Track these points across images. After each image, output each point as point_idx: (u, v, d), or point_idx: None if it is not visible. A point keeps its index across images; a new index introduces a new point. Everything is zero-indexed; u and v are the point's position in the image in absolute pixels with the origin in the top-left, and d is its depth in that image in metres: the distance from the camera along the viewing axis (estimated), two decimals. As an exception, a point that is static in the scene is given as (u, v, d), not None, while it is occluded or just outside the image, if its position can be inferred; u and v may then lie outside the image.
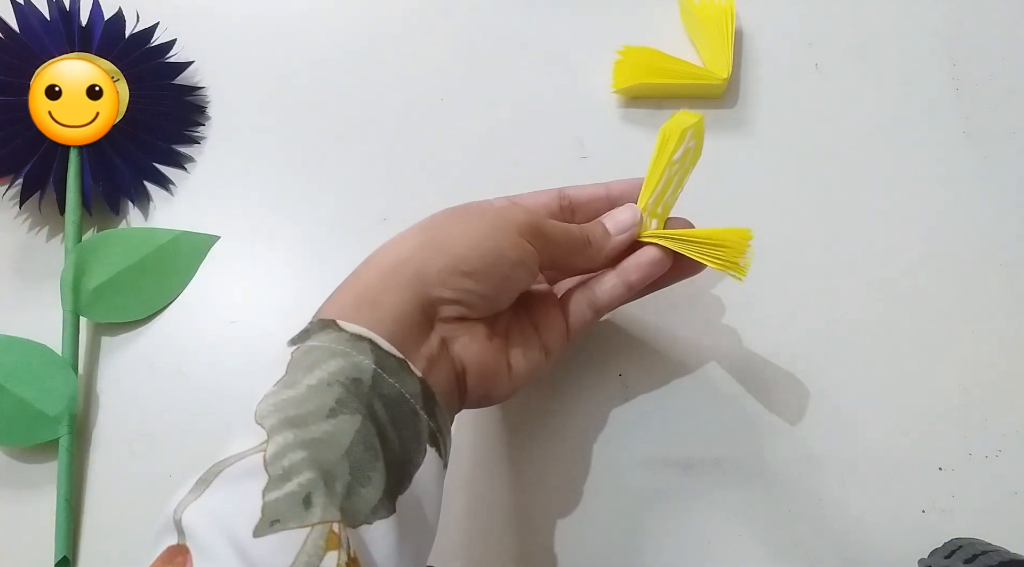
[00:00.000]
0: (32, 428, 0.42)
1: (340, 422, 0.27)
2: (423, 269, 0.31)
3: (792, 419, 0.41)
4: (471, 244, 0.32)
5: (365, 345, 0.29)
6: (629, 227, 0.37)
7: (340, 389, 0.28)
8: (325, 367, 0.28)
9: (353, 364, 0.29)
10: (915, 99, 0.48)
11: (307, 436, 0.27)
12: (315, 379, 0.28)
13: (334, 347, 0.29)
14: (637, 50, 0.47)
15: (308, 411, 0.27)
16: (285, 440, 0.26)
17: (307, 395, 0.28)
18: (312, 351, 0.29)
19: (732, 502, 0.40)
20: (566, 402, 0.42)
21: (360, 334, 0.30)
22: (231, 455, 0.27)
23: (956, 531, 0.38)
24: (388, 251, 0.33)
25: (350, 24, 0.52)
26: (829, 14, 0.50)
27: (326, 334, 0.30)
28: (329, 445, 0.27)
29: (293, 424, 0.27)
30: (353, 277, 0.33)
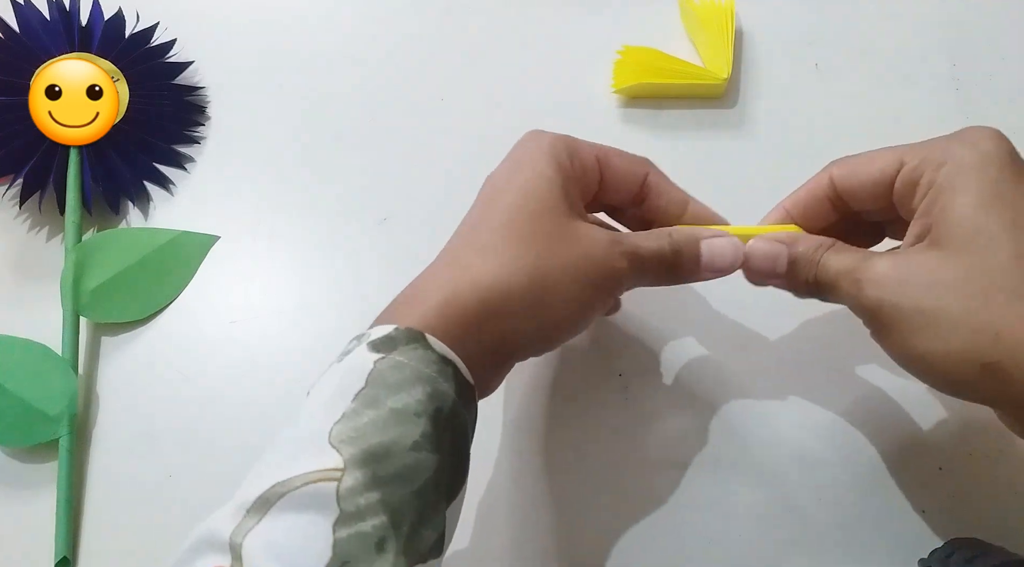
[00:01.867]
0: (32, 428, 0.42)
1: (420, 459, 0.27)
2: (521, 332, 0.31)
3: (792, 419, 0.41)
4: (573, 312, 0.32)
5: (450, 371, 0.29)
6: (722, 270, 0.35)
7: (425, 422, 0.27)
8: (412, 393, 0.27)
9: (439, 392, 0.28)
10: (915, 99, 0.48)
11: (385, 472, 0.26)
12: (400, 404, 0.27)
13: (421, 370, 0.28)
14: (637, 50, 0.48)
15: (391, 440, 0.26)
16: (364, 476, 0.25)
17: (390, 421, 0.27)
18: (399, 368, 0.28)
19: (732, 502, 0.40)
20: (566, 402, 0.42)
21: (447, 357, 0.29)
22: (296, 475, 0.25)
23: (956, 531, 0.38)
24: (490, 270, 0.31)
25: (350, 24, 0.52)
26: (829, 14, 0.50)
27: (414, 350, 0.28)
28: (404, 483, 0.26)
29: (374, 457, 0.26)
30: (445, 284, 0.31)
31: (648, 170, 0.36)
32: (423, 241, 0.46)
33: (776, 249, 0.34)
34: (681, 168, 0.47)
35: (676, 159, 0.47)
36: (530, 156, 0.34)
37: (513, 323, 0.31)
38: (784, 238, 0.34)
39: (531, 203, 0.32)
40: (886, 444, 0.40)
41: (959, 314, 0.28)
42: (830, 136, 0.47)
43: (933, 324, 0.29)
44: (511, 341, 0.31)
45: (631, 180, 0.36)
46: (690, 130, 0.48)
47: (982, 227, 0.29)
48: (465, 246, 0.33)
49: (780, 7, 0.50)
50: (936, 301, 0.29)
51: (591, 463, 0.41)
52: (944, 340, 0.28)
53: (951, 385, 0.30)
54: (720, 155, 0.47)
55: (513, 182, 0.33)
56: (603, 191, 0.36)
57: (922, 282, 0.29)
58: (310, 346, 0.44)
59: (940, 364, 0.29)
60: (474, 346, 0.30)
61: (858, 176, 0.33)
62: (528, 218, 0.32)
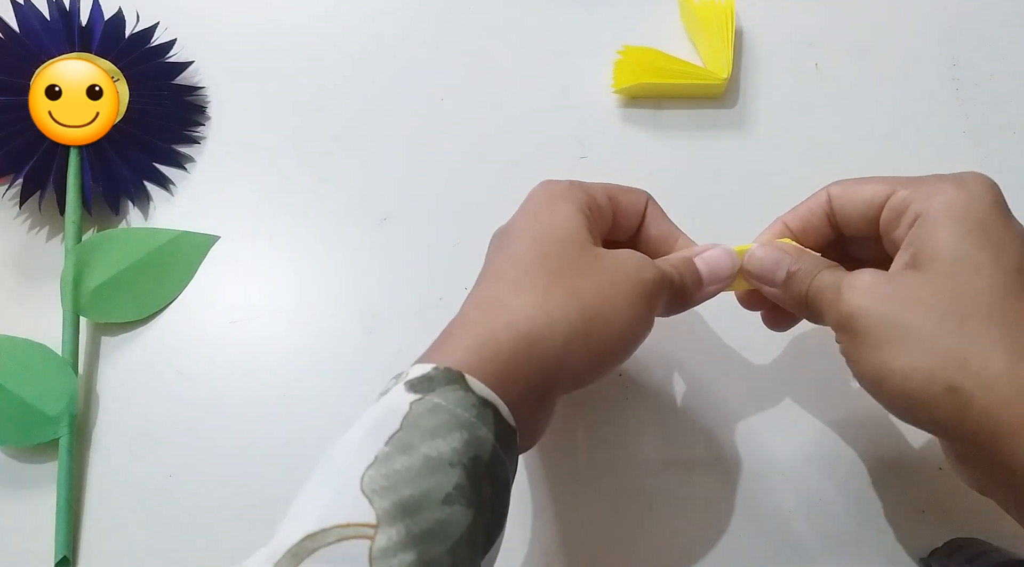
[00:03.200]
0: (32, 428, 0.42)
1: (454, 513, 0.25)
2: (566, 364, 0.30)
3: (792, 419, 0.41)
4: (619, 334, 0.31)
5: (490, 414, 0.28)
6: (724, 278, 0.35)
7: (460, 473, 0.26)
8: (448, 440, 0.26)
9: (477, 439, 0.27)
10: (915, 99, 0.48)
11: (419, 528, 0.25)
12: (435, 451, 0.26)
13: (460, 414, 0.27)
14: (637, 50, 0.48)
15: (423, 492, 0.25)
16: (398, 534, 0.24)
17: (424, 469, 0.26)
18: (436, 412, 0.27)
19: (732, 502, 0.40)
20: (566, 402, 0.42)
21: (488, 399, 0.28)
22: (328, 527, 0.24)
23: (956, 531, 0.38)
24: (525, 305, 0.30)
25: (350, 24, 0.52)
26: (829, 14, 0.50)
27: (452, 391, 0.27)
28: (438, 538, 0.25)
29: (407, 511, 0.25)
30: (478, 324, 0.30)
31: (647, 200, 0.37)
32: (423, 241, 0.46)
33: (779, 256, 0.34)
34: (681, 168, 0.47)
35: (676, 159, 0.47)
36: (548, 200, 0.33)
37: (558, 356, 0.30)
38: (789, 249, 0.34)
39: (559, 236, 0.32)
40: (886, 444, 0.40)
41: (932, 334, 0.28)
42: (830, 136, 0.47)
43: (905, 340, 0.29)
44: (556, 376, 0.30)
45: (634, 214, 0.36)
46: (690, 130, 0.48)
47: (966, 256, 0.29)
48: (493, 286, 0.32)
49: (780, 7, 0.50)
50: (911, 317, 0.29)
51: (591, 463, 0.41)
52: (913, 357, 0.28)
53: (910, 405, 0.29)
54: (720, 155, 0.47)
55: (537, 222, 0.33)
56: (612, 228, 0.36)
57: (901, 297, 0.29)
58: (310, 346, 0.44)
59: (904, 382, 0.29)
60: (518, 385, 0.29)
61: (851, 197, 0.34)
62: (557, 251, 0.32)
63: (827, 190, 0.35)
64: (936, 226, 0.30)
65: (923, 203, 0.31)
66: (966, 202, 0.30)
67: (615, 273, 0.32)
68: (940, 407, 0.28)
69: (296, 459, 0.41)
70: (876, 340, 0.29)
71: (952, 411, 0.28)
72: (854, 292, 0.30)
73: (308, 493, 0.26)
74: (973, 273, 0.29)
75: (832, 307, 0.31)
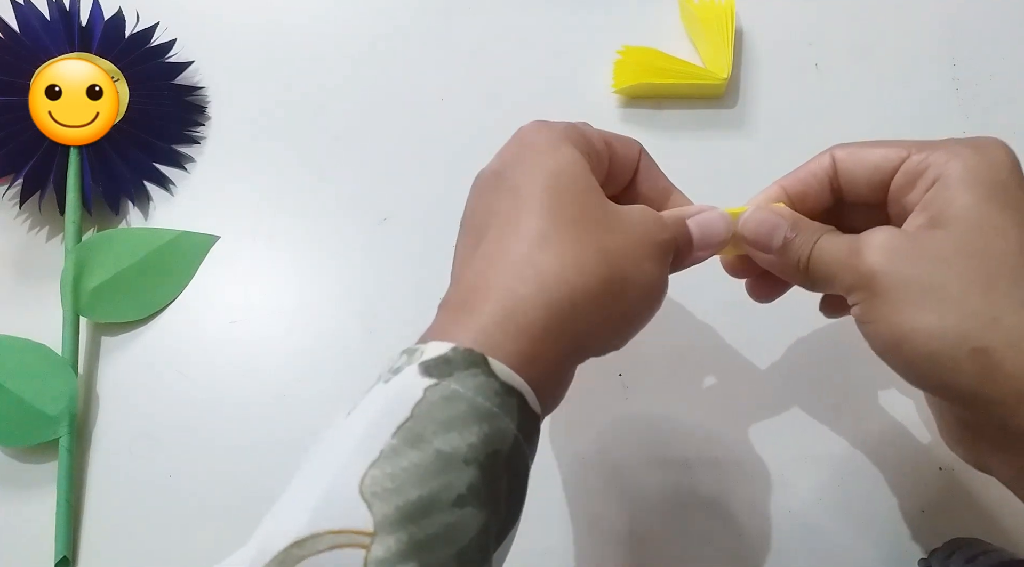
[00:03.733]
0: (32, 428, 0.42)
1: (464, 516, 0.23)
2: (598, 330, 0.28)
3: (792, 419, 0.41)
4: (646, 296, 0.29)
5: (514, 403, 0.25)
6: (716, 244, 0.33)
7: (475, 471, 0.24)
8: (465, 434, 0.24)
9: (498, 431, 0.24)
10: (915, 99, 0.48)
11: (424, 534, 0.22)
12: (449, 446, 0.23)
13: (480, 404, 0.24)
14: (637, 50, 0.48)
15: (432, 493, 0.23)
16: (398, 543, 0.22)
17: (435, 467, 0.23)
18: (453, 401, 0.24)
19: (732, 502, 0.40)
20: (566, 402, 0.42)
21: (513, 386, 0.25)
22: (319, 532, 0.22)
23: (956, 531, 0.38)
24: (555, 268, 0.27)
25: (350, 24, 0.52)
26: (829, 14, 0.50)
27: (473, 377, 0.25)
28: (444, 544, 0.23)
29: (410, 517, 0.22)
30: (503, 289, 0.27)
31: (640, 150, 0.34)
32: (423, 241, 0.46)
33: (776, 220, 0.32)
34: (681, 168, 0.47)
35: (676, 159, 0.47)
36: (543, 141, 0.31)
37: (586, 324, 0.27)
38: (786, 213, 0.32)
39: (569, 184, 0.29)
40: (886, 444, 0.40)
41: (959, 293, 0.27)
42: (830, 136, 0.46)
43: (930, 299, 0.27)
44: (584, 344, 0.28)
45: (628, 164, 0.34)
46: (690, 130, 0.48)
47: (990, 218, 0.28)
48: (509, 240, 0.28)
49: (780, 7, 0.50)
50: (937, 276, 0.27)
51: (591, 463, 0.41)
52: (939, 317, 0.27)
53: (932, 368, 0.28)
54: (720, 155, 0.47)
55: (537, 169, 0.29)
56: (607, 178, 0.34)
57: (925, 255, 0.28)
58: (310, 346, 0.44)
59: (927, 342, 0.27)
60: (547, 364, 0.27)
61: (860, 160, 0.32)
62: (577, 201, 0.28)
63: (831, 153, 0.33)
64: (957, 189, 0.29)
65: (942, 166, 0.29)
66: (987, 166, 0.29)
67: (636, 231, 0.29)
68: (963, 370, 0.27)
69: (296, 459, 0.41)
70: (899, 299, 0.28)
71: (976, 374, 0.27)
72: (873, 251, 0.29)
73: (300, 489, 0.24)
74: (997, 235, 0.28)
75: (848, 268, 0.30)
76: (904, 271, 0.28)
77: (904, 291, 0.28)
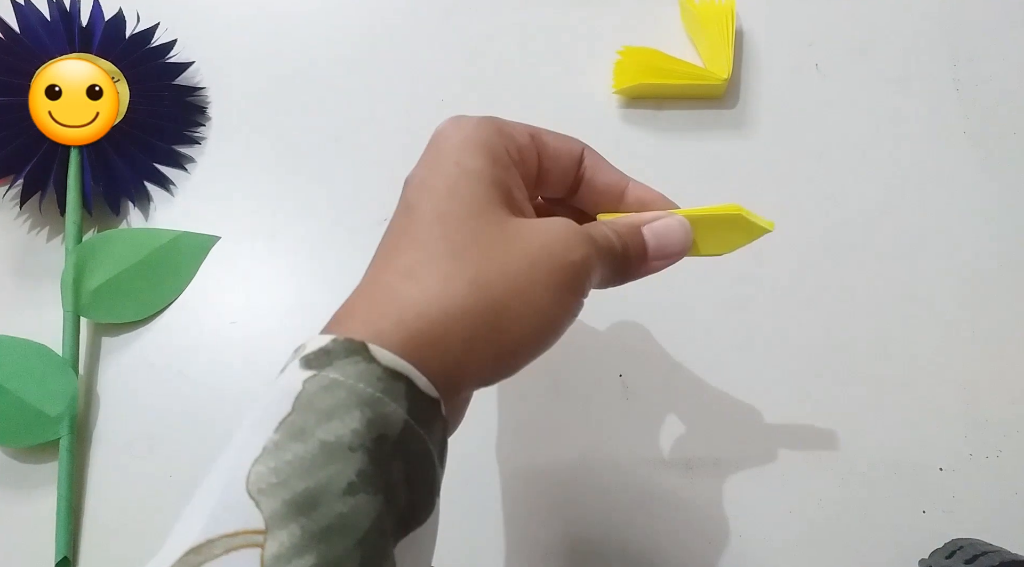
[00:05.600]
0: (32, 428, 0.42)
1: (358, 503, 0.22)
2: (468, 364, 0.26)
3: (792, 419, 0.41)
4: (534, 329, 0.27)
5: (400, 387, 0.24)
6: (673, 254, 0.31)
7: (363, 457, 0.23)
8: (347, 421, 0.23)
9: (382, 417, 0.23)
10: (915, 99, 0.48)
11: (317, 526, 0.21)
12: (332, 435, 0.22)
13: (361, 390, 0.23)
14: (637, 50, 0.48)
15: (320, 485, 0.22)
16: (291, 537, 0.21)
17: (320, 457, 0.22)
18: (332, 389, 0.23)
19: (732, 502, 0.40)
20: (566, 402, 0.42)
21: (397, 370, 0.24)
22: (215, 537, 0.21)
23: (957, 531, 0.38)
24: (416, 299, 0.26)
25: (350, 25, 0.52)
26: (829, 14, 0.50)
27: (353, 364, 0.24)
28: (342, 535, 0.22)
29: (300, 509, 0.21)
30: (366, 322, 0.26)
31: (583, 148, 0.32)
32: (423, 241, 0.46)
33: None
34: (681, 168, 0.47)
35: (676, 159, 0.47)
36: (449, 147, 0.29)
37: (456, 358, 0.25)
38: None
39: (457, 205, 0.27)
40: (886, 444, 0.41)
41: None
42: (830, 136, 0.47)
43: None
44: (457, 374, 0.26)
45: (567, 161, 0.32)
46: (690, 130, 0.48)
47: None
48: (384, 269, 0.27)
49: (780, 7, 0.50)
50: None
51: (591, 463, 0.41)
52: None
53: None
54: (720, 155, 0.47)
55: (436, 183, 0.28)
56: (540, 177, 0.32)
57: None
58: (310, 346, 0.44)
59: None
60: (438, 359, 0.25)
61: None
62: (457, 227, 0.27)
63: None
64: None
65: None
66: None
67: (534, 255, 0.27)
68: None
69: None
70: None
71: None
72: None
73: (197, 499, 0.23)
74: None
75: None
76: None
77: None
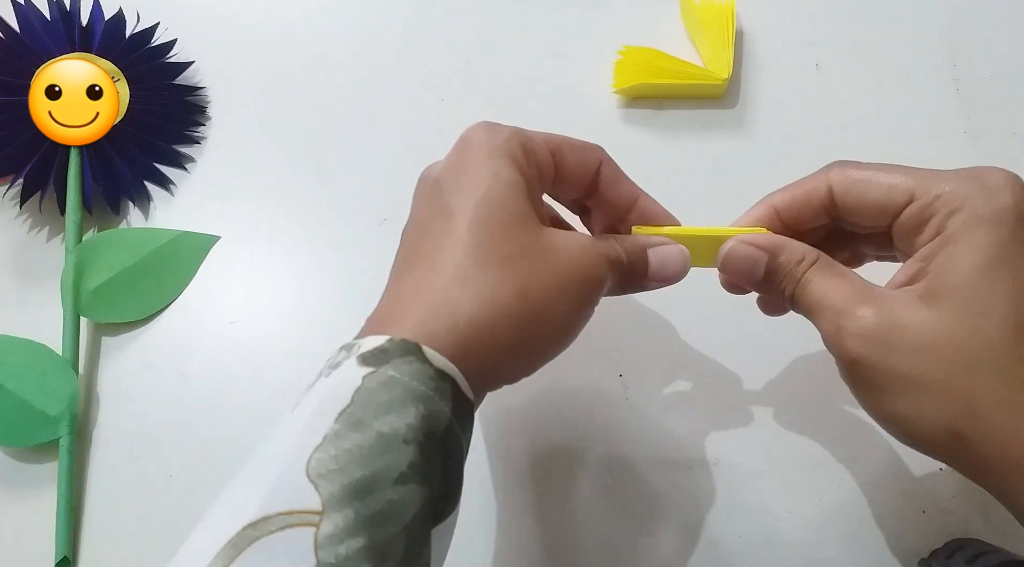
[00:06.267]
0: (32, 428, 0.42)
1: (408, 492, 0.24)
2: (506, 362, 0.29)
3: (792, 419, 0.41)
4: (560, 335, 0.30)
5: (447, 388, 0.26)
6: (668, 278, 0.33)
7: (415, 450, 0.25)
8: (403, 415, 0.25)
9: (433, 413, 0.26)
10: (916, 99, 0.48)
11: (370, 510, 0.23)
12: (389, 427, 0.25)
13: (416, 388, 0.26)
14: (637, 50, 0.48)
15: (376, 472, 0.24)
16: (345, 520, 0.23)
17: (377, 447, 0.24)
18: (390, 385, 0.25)
19: (732, 502, 0.40)
20: (566, 402, 0.42)
21: (446, 372, 0.26)
22: (271, 514, 0.23)
23: (957, 531, 0.38)
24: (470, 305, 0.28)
25: (350, 24, 0.52)
26: (830, 14, 0.50)
27: (408, 363, 0.26)
28: (391, 520, 0.24)
29: (356, 494, 0.23)
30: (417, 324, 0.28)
31: (601, 158, 0.34)
32: (423, 241, 0.46)
33: (755, 255, 0.32)
34: (681, 168, 0.47)
35: (676, 159, 0.47)
36: (485, 155, 0.31)
37: (499, 355, 0.28)
38: (765, 244, 0.32)
39: (500, 214, 0.29)
40: (886, 444, 0.40)
41: (940, 383, 0.28)
42: (830, 136, 0.47)
43: (912, 388, 0.28)
44: (495, 373, 0.29)
45: (584, 172, 0.34)
46: (690, 130, 0.48)
47: (981, 294, 0.28)
48: (430, 272, 0.29)
49: (780, 7, 0.50)
50: (918, 368, 0.28)
51: (591, 463, 0.41)
52: (918, 406, 0.28)
53: (913, 442, 0.30)
54: (720, 155, 0.47)
55: (472, 189, 0.30)
56: (555, 185, 0.34)
57: (907, 347, 0.28)
58: (310, 346, 0.44)
59: (906, 425, 0.29)
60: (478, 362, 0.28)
61: (860, 195, 0.31)
62: (501, 235, 0.29)
63: (828, 179, 0.32)
64: (955, 251, 0.29)
65: (945, 218, 0.29)
66: (991, 222, 0.28)
67: (564, 269, 0.30)
68: (942, 451, 0.29)
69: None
70: (881, 388, 0.29)
71: (953, 455, 0.29)
72: (857, 339, 0.29)
73: (250, 477, 0.25)
74: (986, 316, 0.28)
75: (832, 344, 0.30)
76: (886, 365, 0.29)
77: (887, 381, 0.29)
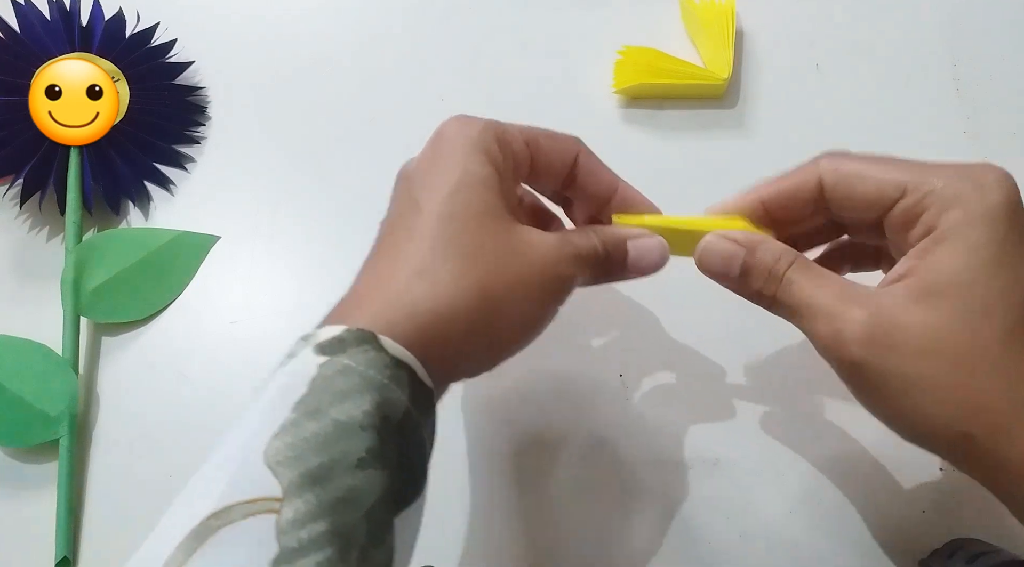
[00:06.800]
0: (32, 428, 0.42)
1: (367, 477, 0.24)
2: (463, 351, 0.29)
3: (792, 419, 0.41)
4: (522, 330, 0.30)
5: (404, 376, 0.26)
6: (645, 271, 0.33)
7: (372, 436, 0.25)
8: (359, 402, 0.25)
9: (389, 401, 0.26)
10: (916, 99, 0.48)
11: (330, 496, 0.24)
12: (344, 415, 0.25)
13: (371, 376, 0.26)
14: (637, 50, 0.48)
15: (333, 459, 0.24)
16: (306, 505, 0.23)
17: (334, 434, 0.24)
18: (345, 374, 0.26)
19: (732, 502, 0.40)
20: (566, 402, 0.42)
21: (402, 360, 0.27)
22: (234, 503, 0.23)
23: (957, 531, 0.38)
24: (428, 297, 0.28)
25: (350, 24, 0.52)
26: (830, 14, 0.50)
27: (363, 352, 0.26)
28: (351, 505, 0.24)
29: (315, 480, 0.24)
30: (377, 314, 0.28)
31: (579, 150, 0.34)
32: (423, 241, 0.46)
33: (732, 250, 0.32)
34: (681, 168, 0.47)
35: (676, 159, 0.47)
36: (456, 149, 0.31)
37: (459, 346, 0.28)
38: (742, 240, 0.32)
39: (466, 209, 0.29)
40: (886, 444, 0.40)
41: (944, 384, 0.28)
42: (830, 136, 0.47)
43: (916, 389, 0.28)
44: (457, 363, 0.29)
45: (561, 164, 0.34)
46: (690, 130, 0.48)
47: (980, 293, 0.28)
48: (393, 264, 0.29)
49: (780, 7, 0.50)
50: (922, 369, 0.28)
51: (591, 463, 0.41)
52: (924, 406, 0.28)
53: (920, 443, 0.30)
54: (720, 155, 0.47)
55: (441, 183, 0.30)
56: (532, 176, 0.34)
57: (909, 348, 0.28)
58: (310, 346, 0.44)
59: (912, 425, 0.29)
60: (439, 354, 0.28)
61: (850, 189, 0.31)
62: (465, 229, 0.29)
63: (818, 171, 0.31)
64: (948, 249, 0.28)
65: (937, 215, 0.28)
66: (984, 219, 0.28)
67: (529, 265, 0.30)
68: (949, 450, 0.29)
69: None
70: (884, 389, 0.29)
71: (960, 454, 0.29)
72: (856, 342, 0.29)
73: (211, 469, 0.25)
74: (986, 316, 0.28)
75: (829, 347, 0.30)
76: (886, 365, 0.28)
77: (892, 384, 0.29)
